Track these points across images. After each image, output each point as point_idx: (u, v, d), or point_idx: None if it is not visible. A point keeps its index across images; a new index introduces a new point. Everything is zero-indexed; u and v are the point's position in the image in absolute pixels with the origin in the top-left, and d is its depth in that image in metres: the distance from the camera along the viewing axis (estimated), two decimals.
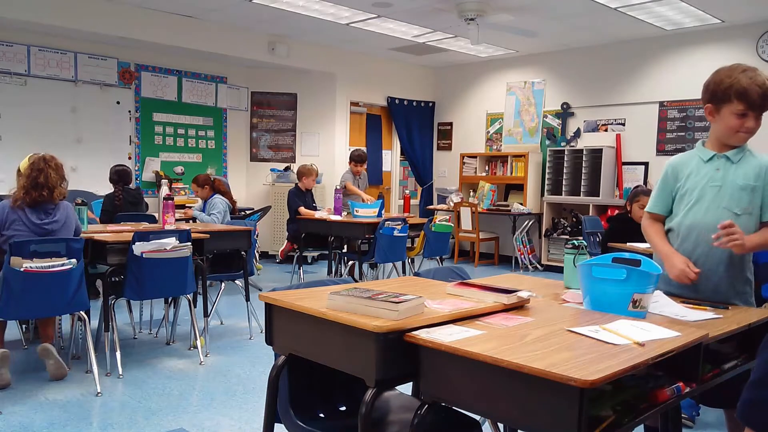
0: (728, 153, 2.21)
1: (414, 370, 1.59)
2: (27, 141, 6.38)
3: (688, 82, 7.13)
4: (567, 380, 1.26)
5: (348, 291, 1.72)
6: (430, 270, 2.56)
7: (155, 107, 7.56)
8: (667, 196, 2.32)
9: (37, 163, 3.53)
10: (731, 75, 2.12)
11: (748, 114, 2.11)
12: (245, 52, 7.58)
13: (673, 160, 2.35)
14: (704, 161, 2.24)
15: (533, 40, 7.58)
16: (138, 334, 4.61)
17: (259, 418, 2.08)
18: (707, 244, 2.17)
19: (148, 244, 3.66)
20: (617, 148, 7.74)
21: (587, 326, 1.66)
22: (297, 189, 6.44)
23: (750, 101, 2.09)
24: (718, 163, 2.21)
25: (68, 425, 2.98)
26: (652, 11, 6.35)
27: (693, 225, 2.22)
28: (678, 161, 2.32)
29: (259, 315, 4.66)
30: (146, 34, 6.74)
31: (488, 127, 9.13)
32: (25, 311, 3.41)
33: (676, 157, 2.35)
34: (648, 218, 2.37)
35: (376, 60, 8.94)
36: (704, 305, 2.08)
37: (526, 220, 8.35)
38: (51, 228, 3.53)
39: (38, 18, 6.04)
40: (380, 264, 6.05)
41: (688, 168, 2.27)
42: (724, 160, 2.21)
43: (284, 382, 1.91)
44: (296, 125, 8.61)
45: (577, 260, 2.29)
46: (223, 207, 5.61)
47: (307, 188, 6.47)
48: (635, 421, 1.47)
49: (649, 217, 2.37)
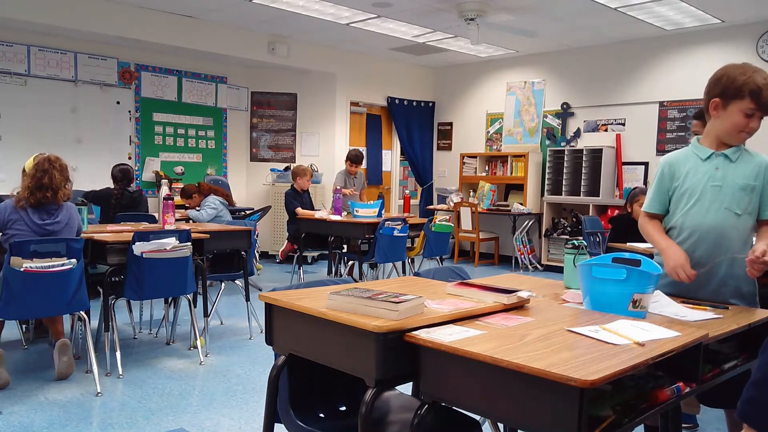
0: (726, 151, 2.18)
1: (414, 370, 1.59)
2: (27, 141, 6.39)
3: (688, 82, 7.13)
4: (567, 380, 1.26)
5: (348, 291, 1.72)
6: (430, 270, 2.56)
7: (155, 107, 7.56)
8: (663, 194, 2.29)
9: (41, 164, 3.53)
10: (745, 73, 2.09)
11: (754, 114, 2.09)
12: (245, 52, 7.58)
13: (669, 158, 2.31)
14: (702, 159, 2.21)
15: (533, 40, 7.58)
16: (138, 334, 4.61)
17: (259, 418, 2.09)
18: (709, 245, 2.15)
19: (148, 244, 3.66)
20: (617, 148, 7.74)
21: (587, 326, 1.66)
22: (293, 190, 6.43)
23: (761, 102, 2.07)
24: (717, 162, 2.19)
25: (68, 425, 2.98)
26: (652, 11, 6.35)
27: (694, 226, 2.20)
28: (673, 159, 2.28)
29: (259, 315, 4.66)
30: (146, 34, 6.74)
31: (488, 127, 9.13)
32: (25, 311, 3.41)
33: (671, 155, 2.31)
34: (645, 217, 2.35)
35: (376, 60, 8.94)
36: (704, 305, 2.08)
37: (526, 220, 8.35)
38: (52, 229, 3.52)
39: (38, 18, 6.04)
40: (380, 264, 6.05)
41: (685, 166, 2.24)
42: (722, 158, 2.18)
43: (284, 382, 1.91)
44: (296, 125, 8.61)
45: (577, 260, 2.28)
46: (217, 204, 5.63)
47: (302, 189, 6.46)
48: (635, 421, 1.47)
49: (645, 215, 2.35)
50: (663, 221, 2.33)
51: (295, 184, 6.44)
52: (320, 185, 8.21)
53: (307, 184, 6.51)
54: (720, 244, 2.16)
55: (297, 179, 6.44)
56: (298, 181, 6.44)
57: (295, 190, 6.42)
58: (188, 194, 5.81)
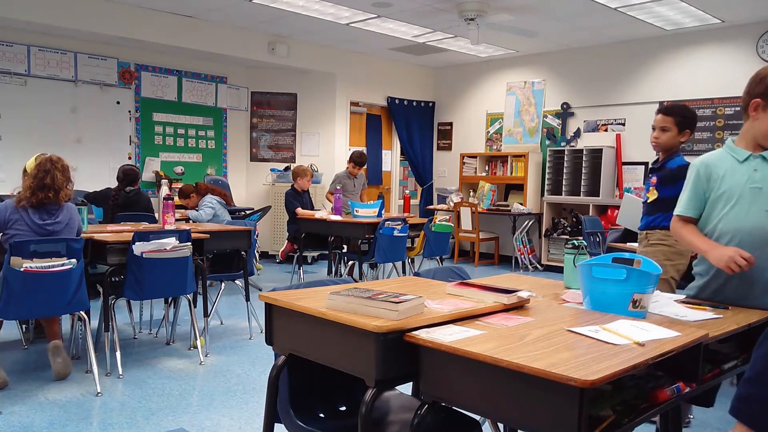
0: (764, 153, 2.10)
1: (414, 370, 1.59)
2: (27, 141, 6.39)
3: (688, 82, 7.13)
4: (567, 380, 1.26)
5: (348, 291, 1.72)
6: (430, 270, 2.56)
7: (155, 107, 7.56)
8: (700, 197, 2.19)
9: (43, 164, 3.53)
10: None
11: None
12: (245, 52, 7.58)
13: (704, 159, 2.20)
14: (739, 162, 2.13)
15: (533, 40, 7.58)
16: (138, 334, 4.61)
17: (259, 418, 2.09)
18: (752, 248, 2.06)
19: (148, 244, 3.66)
20: (617, 148, 7.74)
21: (587, 326, 1.66)
22: (293, 190, 6.43)
23: None
24: (755, 164, 2.10)
25: (68, 425, 2.98)
26: (652, 11, 6.35)
27: (735, 229, 2.11)
28: (709, 160, 2.18)
29: (259, 315, 4.66)
30: (146, 34, 6.74)
31: (488, 127, 9.13)
32: (25, 311, 3.41)
33: (706, 157, 2.21)
34: (679, 221, 2.25)
35: (376, 60, 8.94)
36: (704, 305, 2.08)
37: (526, 220, 8.35)
38: (53, 229, 3.52)
39: (38, 18, 6.04)
40: (380, 264, 6.05)
41: (721, 169, 2.15)
42: (760, 160, 2.10)
43: (284, 382, 1.91)
44: (296, 125, 8.61)
45: (577, 260, 2.28)
46: (215, 203, 5.64)
47: (302, 189, 6.46)
48: (635, 421, 1.47)
49: (679, 220, 2.25)
50: (697, 225, 2.23)
51: (296, 185, 6.44)
52: (320, 185, 8.20)
53: (308, 184, 6.51)
54: (762, 247, 2.08)
55: (297, 179, 6.44)
56: (298, 181, 6.44)
57: (295, 190, 6.42)
58: (186, 194, 5.82)
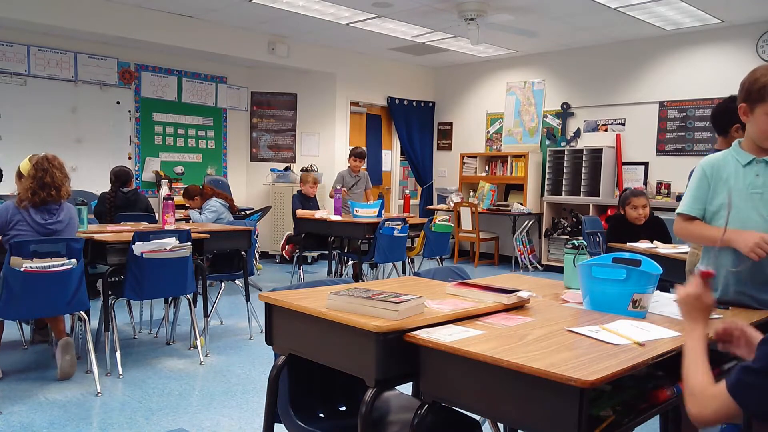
0: (766, 158, 2.08)
1: (414, 370, 1.59)
2: (27, 141, 6.38)
3: (688, 82, 7.13)
4: (567, 380, 1.26)
5: (348, 291, 1.72)
6: (430, 270, 2.56)
7: (155, 107, 7.56)
8: (703, 197, 2.17)
9: (41, 163, 3.53)
10: (767, 74, 1.98)
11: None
12: (245, 52, 7.58)
13: (710, 159, 2.19)
14: (742, 165, 2.11)
15: (533, 40, 7.58)
16: (138, 334, 4.61)
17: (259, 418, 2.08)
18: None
19: (148, 244, 3.66)
20: (617, 148, 7.74)
21: (587, 326, 1.66)
22: (300, 194, 6.46)
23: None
24: (758, 169, 2.09)
25: (68, 425, 2.98)
26: (652, 11, 6.35)
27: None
28: (715, 161, 2.17)
29: (259, 315, 4.66)
30: (146, 34, 6.74)
31: (488, 127, 9.13)
32: (25, 311, 3.41)
33: (712, 158, 2.20)
34: (683, 220, 2.22)
35: (376, 60, 8.94)
36: None
37: (526, 220, 8.35)
38: (55, 228, 3.52)
39: (38, 18, 6.04)
40: (380, 264, 6.05)
41: (725, 170, 2.14)
42: (763, 165, 2.08)
43: (284, 382, 1.91)
44: (296, 125, 8.61)
45: (577, 260, 2.28)
46: (218, 207, 5.64)
47: (307, 195, 6.48)
48: (635, 421, 1.47)
49: (683, 219, 2.21)
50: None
51: (302, 190, 6.48)
52: (320, 185, 8.19)
53: (311, 191, 6.50)
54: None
55: (301, 185, 6.52)
56: (302, 187, 6.49)
57: (301, 194, 6.46)
58: (191, 195, 5.80)
